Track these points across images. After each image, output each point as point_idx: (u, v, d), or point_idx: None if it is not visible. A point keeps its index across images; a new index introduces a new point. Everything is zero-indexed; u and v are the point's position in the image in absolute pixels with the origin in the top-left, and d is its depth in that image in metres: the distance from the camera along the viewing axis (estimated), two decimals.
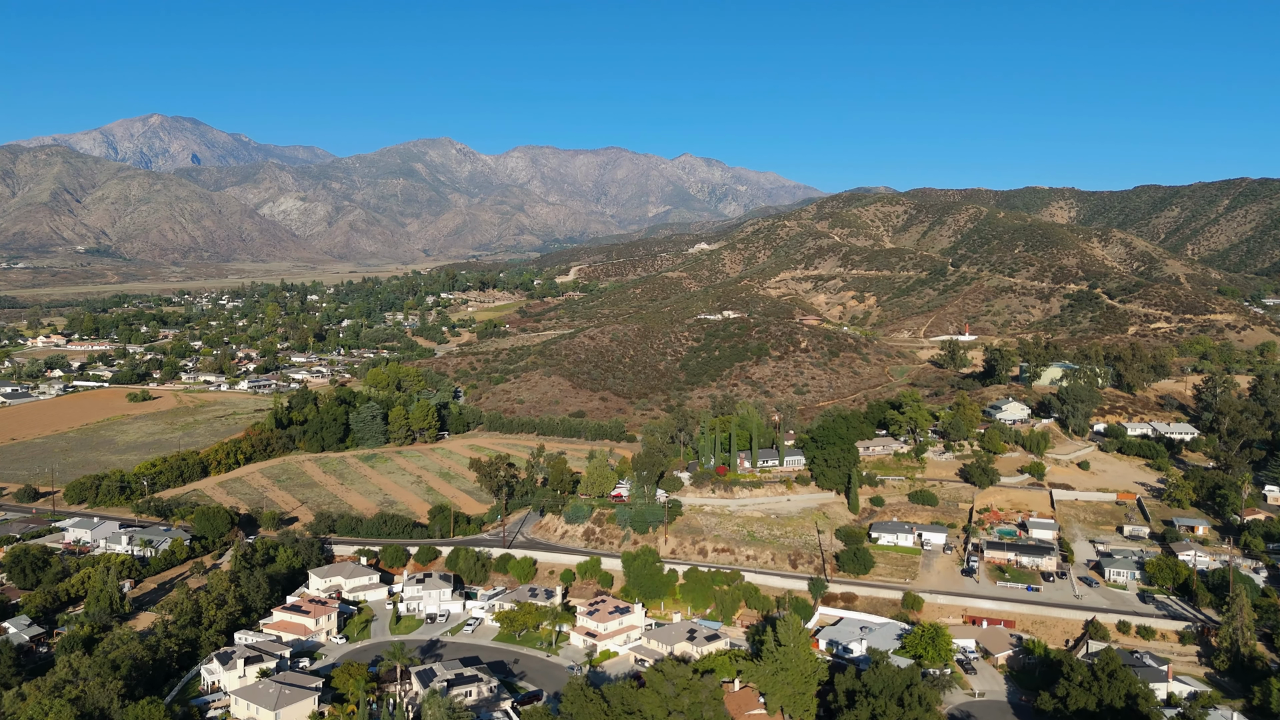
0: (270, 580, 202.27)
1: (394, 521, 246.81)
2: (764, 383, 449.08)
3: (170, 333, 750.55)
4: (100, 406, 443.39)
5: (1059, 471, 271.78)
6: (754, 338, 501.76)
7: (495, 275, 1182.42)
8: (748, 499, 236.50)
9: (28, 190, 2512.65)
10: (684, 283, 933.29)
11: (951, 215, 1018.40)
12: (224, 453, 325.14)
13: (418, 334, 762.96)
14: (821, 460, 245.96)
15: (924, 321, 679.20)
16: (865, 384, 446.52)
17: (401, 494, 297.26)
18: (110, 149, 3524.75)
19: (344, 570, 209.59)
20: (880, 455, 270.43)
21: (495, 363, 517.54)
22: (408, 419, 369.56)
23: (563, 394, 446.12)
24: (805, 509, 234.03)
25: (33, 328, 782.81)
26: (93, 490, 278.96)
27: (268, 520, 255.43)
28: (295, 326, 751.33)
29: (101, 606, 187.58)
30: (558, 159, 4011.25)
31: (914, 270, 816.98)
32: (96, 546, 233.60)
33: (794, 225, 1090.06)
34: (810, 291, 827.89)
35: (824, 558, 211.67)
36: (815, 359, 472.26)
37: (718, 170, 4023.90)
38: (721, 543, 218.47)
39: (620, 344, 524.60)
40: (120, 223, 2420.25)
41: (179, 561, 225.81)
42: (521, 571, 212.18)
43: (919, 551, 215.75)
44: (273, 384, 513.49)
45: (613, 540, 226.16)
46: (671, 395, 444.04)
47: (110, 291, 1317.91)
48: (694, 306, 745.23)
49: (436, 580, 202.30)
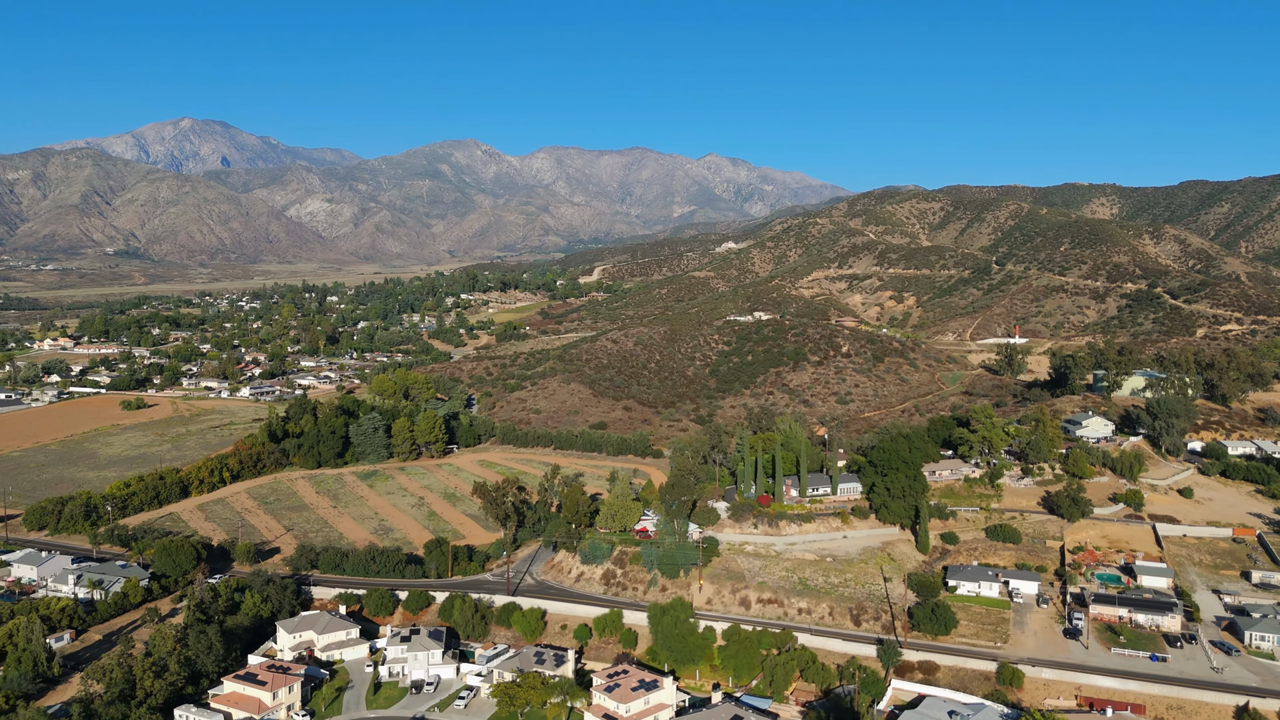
0: (228, 637, 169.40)
1: (384, 557, 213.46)
2: (802, 391, 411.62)
3: (182, 335, 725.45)
4: (91, 415, 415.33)
5: (1158, 500, 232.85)
6: (790, 341, 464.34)
7: (517, 276, 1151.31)
8: (797, 536, 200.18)
9: (58, 193, 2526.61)
10: (712, 283, 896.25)
11: (991, 212, 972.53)
12: (208, 470, 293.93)
13: (434, 336, 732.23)
14: (883, 489, 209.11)
15: (969, 323, 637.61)
16: (914, 392, 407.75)
17: (399, 519, 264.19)
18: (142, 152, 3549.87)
19: (318, 623, 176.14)
20: (948, 481, 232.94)
21: (512, 368, 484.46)
22: (413, 431, 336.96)
23: (583, 403, 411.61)
24: (866, 549, 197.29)
25: (45, 330, 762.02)
26: (54, 515, 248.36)
27: (242, 553, 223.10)
28: (308, 329, 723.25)
29: (23, 670, 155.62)
30: (583, 159, 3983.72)
31: (955, 269, 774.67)
32: (42, 586, 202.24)
33: (826, 223, 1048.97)
34: (845, 291, 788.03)
35: (893, 613, 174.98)
36: (858, 364, 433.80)
37: (743, 170, 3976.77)
38: (768, 591, 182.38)
39: (645, 348, 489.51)
40: (149, 225, 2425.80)
41: (132, 606, 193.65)
42: (527, 626, 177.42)
43: (1007, 604, 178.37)
44: (276, 390, 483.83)
45: (637, 585, 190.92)
46: (701, 404, 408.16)
47: (135, 293, 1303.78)
48: (723, 307, 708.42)
49: (425, 638, 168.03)
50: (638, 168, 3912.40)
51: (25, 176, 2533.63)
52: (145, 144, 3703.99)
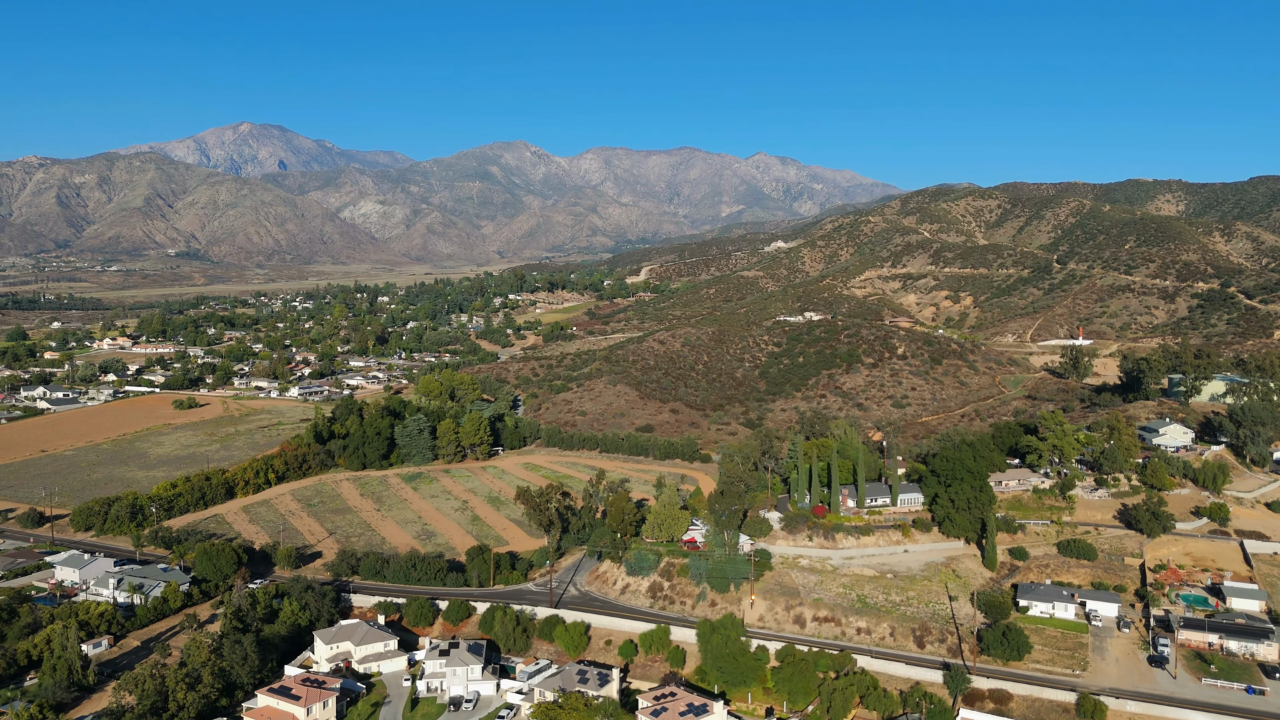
0: (265, 646, 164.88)
1: (424, 564, 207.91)
2: (856, 394, 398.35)
3: (236, 335, 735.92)
4: (143, 415, 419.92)
5: (1244, 514, 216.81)
6: (843, 342, 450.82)
7: (565, 276, 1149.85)
8: (854, 549, 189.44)
9: (123, 196, 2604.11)
10: (761, 282, 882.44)
11: (1050, 209, 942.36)
12: (253, 471, 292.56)
13: (482, 336, 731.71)
14: (946, 500, 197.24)
15: (1030, 324, 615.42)
16: (974, 396, 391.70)
17: (442, 523, 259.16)
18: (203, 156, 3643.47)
19: (355, 634, 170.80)
20: (1016, 492, 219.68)
21: (559, 368, 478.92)
22: (457, 433, 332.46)
23: (629, 405, 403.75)
24: (929, 564, 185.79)
25: (105, 329, 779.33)
26: (100, 516, 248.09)
27: (283, 558, 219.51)
28: (357, 329, 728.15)
29: (57, 679, 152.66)
30: (631, 160, 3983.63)
31: (1014, 268, 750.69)
32: (84, 589, 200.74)
33: (878, 221, 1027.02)
34: (899, 291, 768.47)
35: (959, 635, 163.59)
36: (915, 366, 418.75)
37: (793, 169, 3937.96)
38: (824, 609, 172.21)
39: (693, 349, 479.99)
40: (209, 227, 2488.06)
41: (171, 611, 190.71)
42: (571, 641, 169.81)
43: (1085, 628, 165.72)
44: (325, 390, 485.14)
45: (685, 599, 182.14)
46: (750, 407, 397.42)
47: (195, 293, 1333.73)
48: (772, 307, 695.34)
49: (465, 652, 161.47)
50: (686, 168, 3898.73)
51: (91, 180, 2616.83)
52: (206, 148, 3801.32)
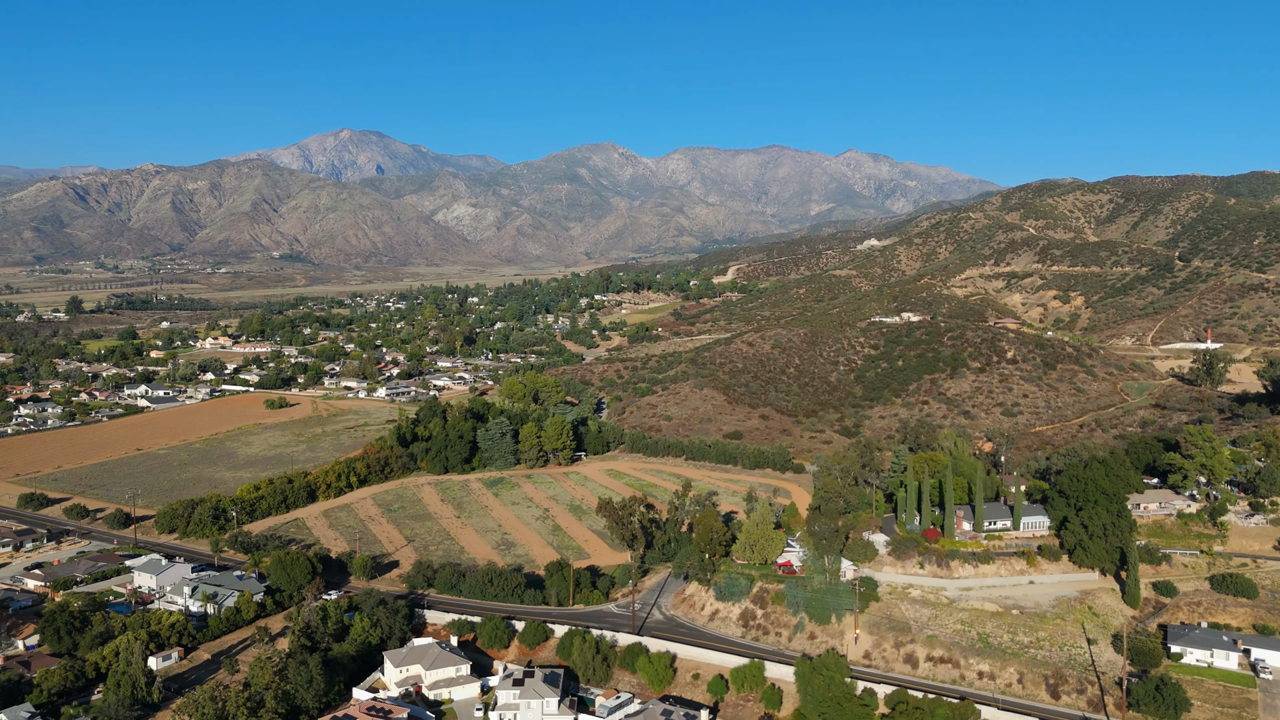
0: (332, 667, 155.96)
1: (501, 579, 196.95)
2: (962, 400, 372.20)
3: (329, 335, 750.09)
4: (236, 414, 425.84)
5: None
6: (946, 344, 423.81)
7: (651, 276, 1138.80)
8: (972, 579, 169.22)
9: (232, 201, 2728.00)
10: (853, 281, 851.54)
11: (1168, 204, 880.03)
12: (335, 474, 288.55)
13: (568, 337, 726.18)
14: (1078, 525, 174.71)
15: (1149, 325, 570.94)
16: (1093, 404, 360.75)
17: (522, 533, 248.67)
18: (306, 162, 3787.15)
19: (426, 656, 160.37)
20: (1157, 516, 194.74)
21: (643, 370, 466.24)
22: (540, 437, 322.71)
23: (716, 410, 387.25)
24: (1059, 599, 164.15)
25: (209, 329, 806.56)
26: (184, 519, 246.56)
27: (359, 567, 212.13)
28: (446, 329, 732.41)
29: (121, 696, 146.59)
30: (718, 159, 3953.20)
31: (1130, 266, 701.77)
32: (160, 596, 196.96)
33: (979, 217, 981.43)
34: (1002, 291, 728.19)
35: (1102, 685, 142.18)
36: (1026, 372, 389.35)
37: (885, 165, 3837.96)
38: (939, 648, 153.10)
39: (783, 351, 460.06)
40: (310, 230, 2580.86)
41: (244, 622, 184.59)
42: (655, 674, 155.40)
43: (1252, 681, 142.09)
44: (411, 391, 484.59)
45: (780, 630, 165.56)
46: (846, 414, 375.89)
47: (295, 294, 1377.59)
48: (867, 308, 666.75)
49: (540, 683, 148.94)
50: (774, 166, 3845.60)
51: (203, 187, 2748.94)
52: (309, 154, 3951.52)
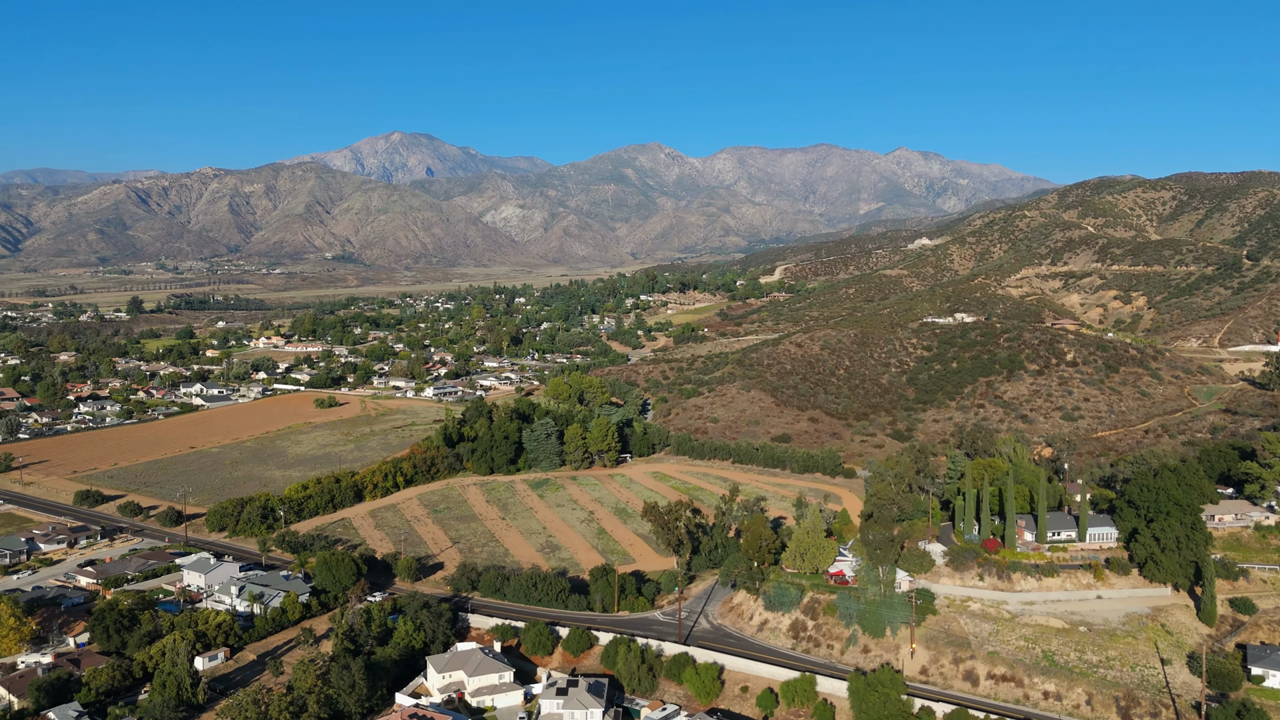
0: (375, 671, 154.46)
1: (545, 584, 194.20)
2: (1019, 404, 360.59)
3: (379, 335, 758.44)
4: (287, 412, 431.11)
5: None
6: (1002, 346, 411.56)
7: (697, 276, 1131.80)
8: (1035, 593, 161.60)
9: (286, 204, 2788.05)
10: (904, 281, 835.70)
11: (1234, 200, 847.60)
12: (382, 474, 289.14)
13: (613, 338, 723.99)
14: (1149, 537, 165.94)
15: (1217, 327, 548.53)
16: (1159, 409, 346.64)
17: (567, 535, 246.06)
18: (358, 165, 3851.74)
19: (469, 662, 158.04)
20: (1232, 528, 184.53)
21: (689, 371, 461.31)
22: (585, 439, 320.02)
23: (764, 412, 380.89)
24: (1129, 615, 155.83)
25: (263, 329, 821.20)
26: (233, 517, 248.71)
27: (404, 569, 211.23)
28: (493, 329, 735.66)
29: (166, 696, 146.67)
30: (765, 159, 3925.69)
31: (1195, 265, 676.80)
32: (208, 595, 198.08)
33: (1034, 216, 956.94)
34: (1059, 291, 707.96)
35: (1177, 709, 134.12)
36: (1087, 374, 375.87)
37: (936, 163, 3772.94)
38: (1001, 665, 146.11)
39: (833, 352, 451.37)
40: (362, 231, 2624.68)
41: (290, 623, 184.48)
42: (702, 686, 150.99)
43: None
44: (458, 391, 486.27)
45: (832, 643, 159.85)
46: (898, 417, 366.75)
47: (347, 294, 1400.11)
48: (919, 308, 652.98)
49: (584, 693, 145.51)
50: (822, 165, 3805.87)
51: (259, 189, 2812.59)
52: (360, 157, 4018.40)
